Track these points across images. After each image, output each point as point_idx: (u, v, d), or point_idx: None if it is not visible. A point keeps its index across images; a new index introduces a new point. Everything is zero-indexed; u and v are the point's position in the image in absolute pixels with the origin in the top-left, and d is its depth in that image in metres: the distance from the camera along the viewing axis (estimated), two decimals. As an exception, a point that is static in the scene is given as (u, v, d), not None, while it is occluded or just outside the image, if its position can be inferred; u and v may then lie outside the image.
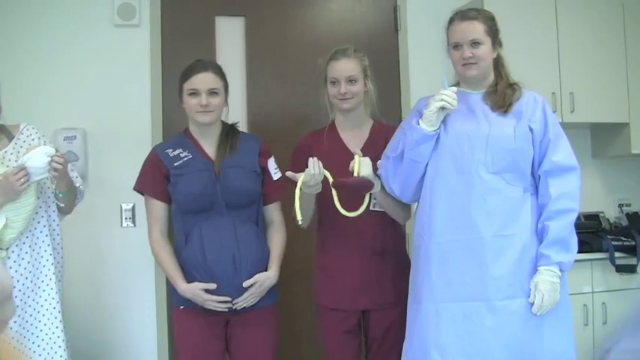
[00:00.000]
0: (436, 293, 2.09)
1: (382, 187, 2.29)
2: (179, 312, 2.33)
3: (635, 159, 3.75)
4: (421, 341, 2.10)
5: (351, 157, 2.29)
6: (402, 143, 2.20)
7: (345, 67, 2.34)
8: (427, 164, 2.17)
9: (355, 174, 2.22)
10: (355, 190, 2.27)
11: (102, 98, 3.11)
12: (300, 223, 2.19)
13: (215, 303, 2.22)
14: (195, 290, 2.22)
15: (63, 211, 2.41)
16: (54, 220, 2.35)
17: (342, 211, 2.23)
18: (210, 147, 2.37)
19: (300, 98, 3.26)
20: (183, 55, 3.19)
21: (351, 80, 2.34)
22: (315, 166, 2.18)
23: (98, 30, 3.14)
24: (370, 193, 2.30)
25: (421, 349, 2.09)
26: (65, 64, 3.09)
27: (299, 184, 2.19)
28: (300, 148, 2.44)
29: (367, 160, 2.26)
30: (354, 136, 2.43)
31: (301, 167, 2.27)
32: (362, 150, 2.36)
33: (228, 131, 2.40)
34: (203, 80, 2.30)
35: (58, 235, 2.36)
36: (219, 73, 2.36)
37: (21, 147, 2.29)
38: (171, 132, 3.13)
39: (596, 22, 3.51)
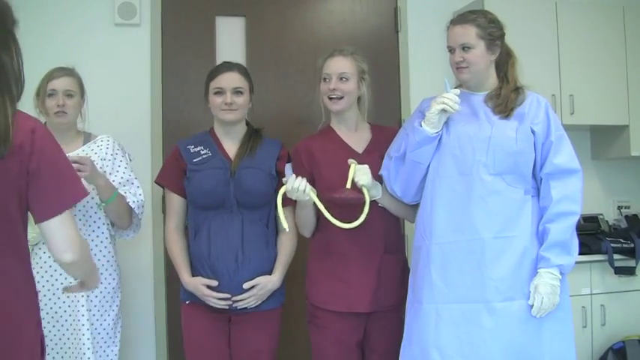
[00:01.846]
0: (436, 294, 2.09)
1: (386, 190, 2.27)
2: (185, 307, 2.36)
3: (634, 161, 3.75)
4: (421, 341, 2.09)
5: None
6: (404, 144, 2.20)
7: (338, 64, 2.33)
8: (429, 165, 2.17)
9: (348, 184, 2.18)
10: (346, 205, 2.22)
11: (101, 97, 3.08)
12: (285, 229, 2.17)
13: (215, 300, 2.24)
14: (197, 284, 2.26)
15: (118, 225, 2.44)
16: (93, 230, 2.37)
17: (338, 223, 2.17)
18: (231, 147, 2.40)
19: (301, 98, 3.26)
20: (183, 54, 3.20)
21: (342, 78, 2.31)
22: (298, 182, 2.15)
23: (98, 29, 3.13)
24: (371, 201, 2.23)
25: (421, 350, 2.09)
26: (65, 63, 3.07)
27: (281, 192, 2.17)
28: (300, 150, 2.39)
29: (365, 168, 2.21)
30: (355, 138, 2.39)
31: (302, 170, 2.27)
32: (366, 150, 2.35)
33: (252, 134, 2.43)
34: (228, 79, 2.36)
35: (105, 248, 2.39)
36: (245, 73, 2.42)
37: (88, 153, 2.38)
38: (171, 131, 3.14)
39: (597, 24, 3.51)
